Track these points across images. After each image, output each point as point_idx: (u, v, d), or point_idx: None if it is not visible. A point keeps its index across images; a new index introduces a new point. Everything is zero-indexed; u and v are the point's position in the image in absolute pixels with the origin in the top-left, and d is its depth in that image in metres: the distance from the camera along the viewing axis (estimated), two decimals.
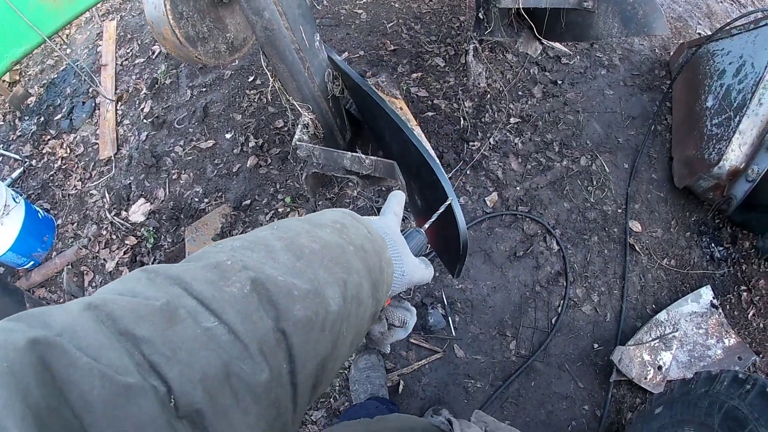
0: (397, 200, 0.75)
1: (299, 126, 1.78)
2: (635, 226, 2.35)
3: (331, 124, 1.86)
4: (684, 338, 2.01)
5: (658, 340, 1.97)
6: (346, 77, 1.74)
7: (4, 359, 0.28)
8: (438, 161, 1.56)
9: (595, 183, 2.45)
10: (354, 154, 1.64)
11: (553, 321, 2.14)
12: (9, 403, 0.26)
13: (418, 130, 2.28)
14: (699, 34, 3.11)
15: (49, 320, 0.33)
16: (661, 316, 2.05)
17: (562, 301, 2.17)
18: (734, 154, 2.10)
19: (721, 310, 2.09)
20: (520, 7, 2.08)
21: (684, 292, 2.21)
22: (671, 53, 2.90)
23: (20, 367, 0.28)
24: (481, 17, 2.26)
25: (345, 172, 1.78)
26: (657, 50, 2.98)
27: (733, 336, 2.04)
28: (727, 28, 2.39)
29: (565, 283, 2.20)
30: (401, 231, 0.70)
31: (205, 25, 1.71)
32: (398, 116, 1.57)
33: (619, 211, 2.39)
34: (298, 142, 1.73)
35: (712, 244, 2.32)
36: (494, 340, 2.10)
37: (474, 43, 2.43)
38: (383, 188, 2.36)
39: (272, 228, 0.52)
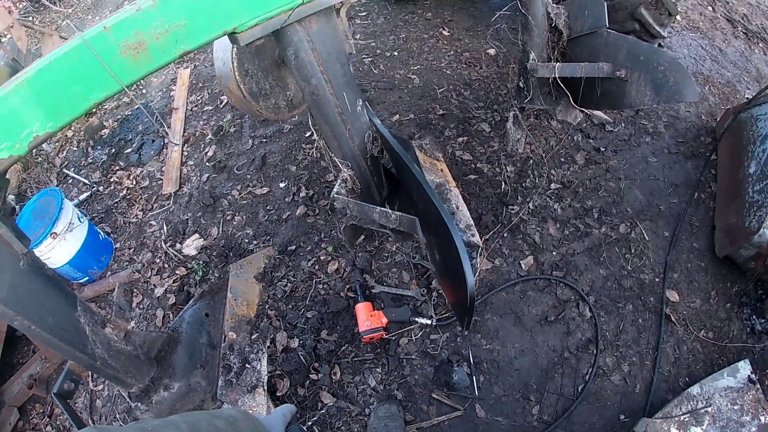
0: (288, 408, 1.02)
1: (339, 180, 1.91)
2: (673, 295, 2.29)
3: (368, 181, 1.98)
4: (717, 414, 1.91)
5: (688, 415, 1.89)
6: (383, 139, 1.87)
7: None
8: (454, 220, 1.63)
9: (633, 251, 2.43)
10: (382, 209, 1.74)
11: (579, 389, 2.09)
12: None
13: (456, 192, 2.37)
14: (747, 99, 3.07)
15: None
16: (694, 389, 1.96)
17: (590, 369, 2.13)
18: None
19: (759, 386, 1.97)
20: (556, 76, 2.17)
21: (720, 365, 2.11)
22: (717, 119, 2.87)
23: None
24: (521, 86, 2.36)
25: (378, 226, 1.89)
26: (703, 116, 2.96)
27: None
28: None
29: (595, 351, 2.16)
30: (287, 427, 0.97)
31: (268, 82, 1.90)
32: (423, 175, 1.67)
33: (657, 279, 2.35)
34: (335, 195, 1.86)
35: (753, 316, 2.23)
36: (517, 403, 2.08)
37: (514, 110, 2.52)
38: (419, 245, 2.44)
39: (182, 415, 0.76)
